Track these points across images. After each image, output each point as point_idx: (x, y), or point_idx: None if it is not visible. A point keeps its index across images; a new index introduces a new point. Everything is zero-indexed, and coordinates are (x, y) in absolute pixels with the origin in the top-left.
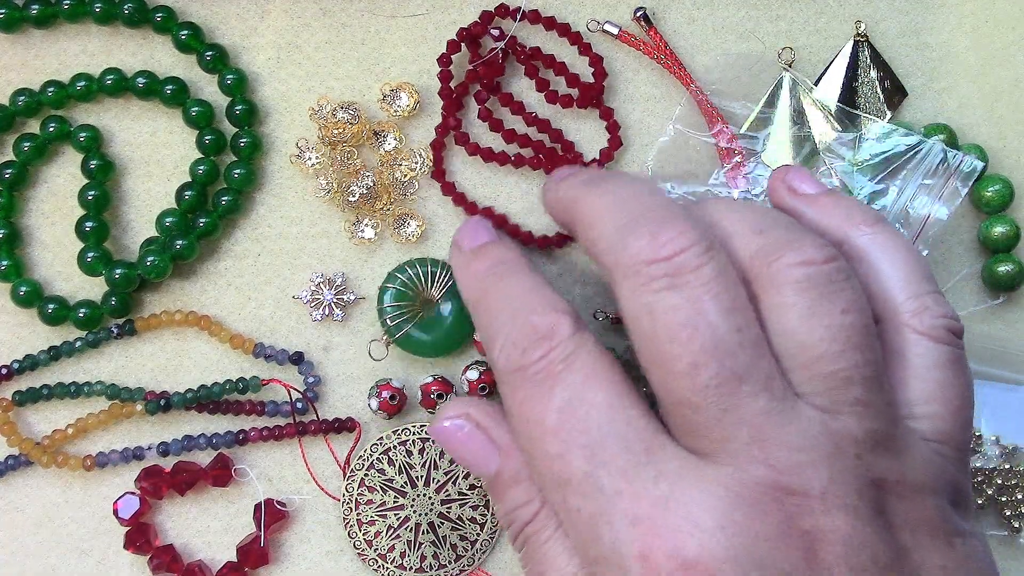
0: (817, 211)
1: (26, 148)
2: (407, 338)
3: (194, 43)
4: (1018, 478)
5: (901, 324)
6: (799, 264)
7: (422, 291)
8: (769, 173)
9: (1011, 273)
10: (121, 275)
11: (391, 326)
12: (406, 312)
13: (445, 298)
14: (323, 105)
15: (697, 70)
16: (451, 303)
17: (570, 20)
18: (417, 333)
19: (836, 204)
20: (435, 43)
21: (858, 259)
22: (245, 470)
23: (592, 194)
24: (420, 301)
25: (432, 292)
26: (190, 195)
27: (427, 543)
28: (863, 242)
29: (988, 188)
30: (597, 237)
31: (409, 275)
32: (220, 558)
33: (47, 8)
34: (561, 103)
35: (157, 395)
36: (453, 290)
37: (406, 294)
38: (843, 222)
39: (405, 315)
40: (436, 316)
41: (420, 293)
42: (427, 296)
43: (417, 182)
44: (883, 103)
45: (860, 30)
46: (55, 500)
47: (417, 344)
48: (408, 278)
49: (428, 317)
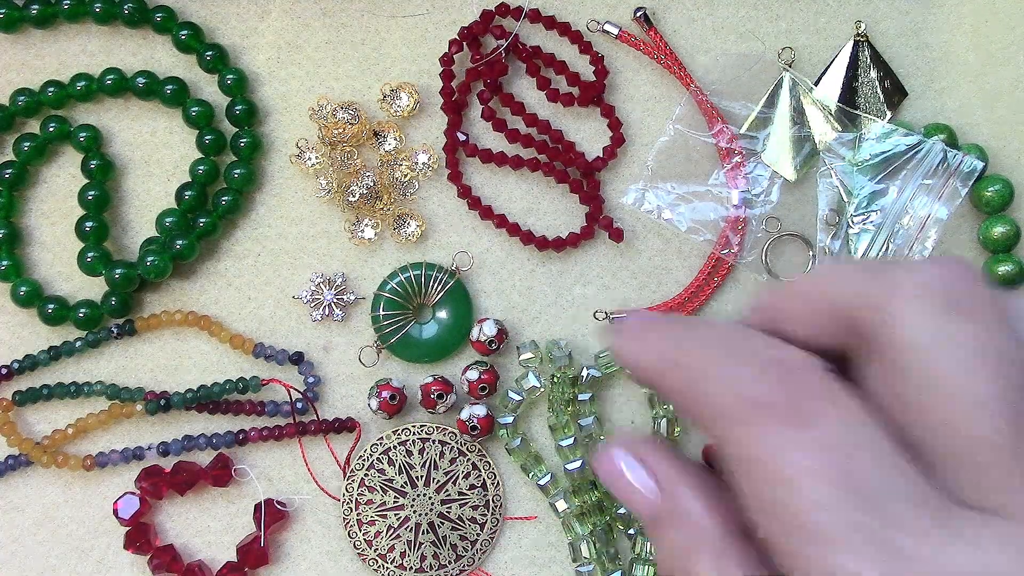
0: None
1: (26, 148)
2: (399, 345)
3: (194, 43)
4: None
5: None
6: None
7: (416, 297)
8: (769, 173)
9: (1011, 273)
10: (121, 275)
11: (383, 334)
12: (399, 319)
13: (439, 304)
14: (323, 105)
15: (697, 70)
16: (445, 309)
17: (570, 20)
18: (409, 340)
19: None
20: (435, 43)
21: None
22: (245, 470)
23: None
24: (414, 307)
25: (426, 298)
26: (190, 195)
27: (427, 543)
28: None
29: (988, 188)
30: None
31: (402, 281)
32: (220, 558)
33: (47, 8)
34: (562, 101)
35: (157, 395)
36: (447, 296)
37: (399, 302)
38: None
39: (398, 322)
40: (429, 322)
41: (414, 299)
42: (421, 302)
43: (417, 182)
44: (883, 103)
45: (860, 30)
46: (55, 500)
47: (409, 351)
48: (401, 284)
49: (421, 323)
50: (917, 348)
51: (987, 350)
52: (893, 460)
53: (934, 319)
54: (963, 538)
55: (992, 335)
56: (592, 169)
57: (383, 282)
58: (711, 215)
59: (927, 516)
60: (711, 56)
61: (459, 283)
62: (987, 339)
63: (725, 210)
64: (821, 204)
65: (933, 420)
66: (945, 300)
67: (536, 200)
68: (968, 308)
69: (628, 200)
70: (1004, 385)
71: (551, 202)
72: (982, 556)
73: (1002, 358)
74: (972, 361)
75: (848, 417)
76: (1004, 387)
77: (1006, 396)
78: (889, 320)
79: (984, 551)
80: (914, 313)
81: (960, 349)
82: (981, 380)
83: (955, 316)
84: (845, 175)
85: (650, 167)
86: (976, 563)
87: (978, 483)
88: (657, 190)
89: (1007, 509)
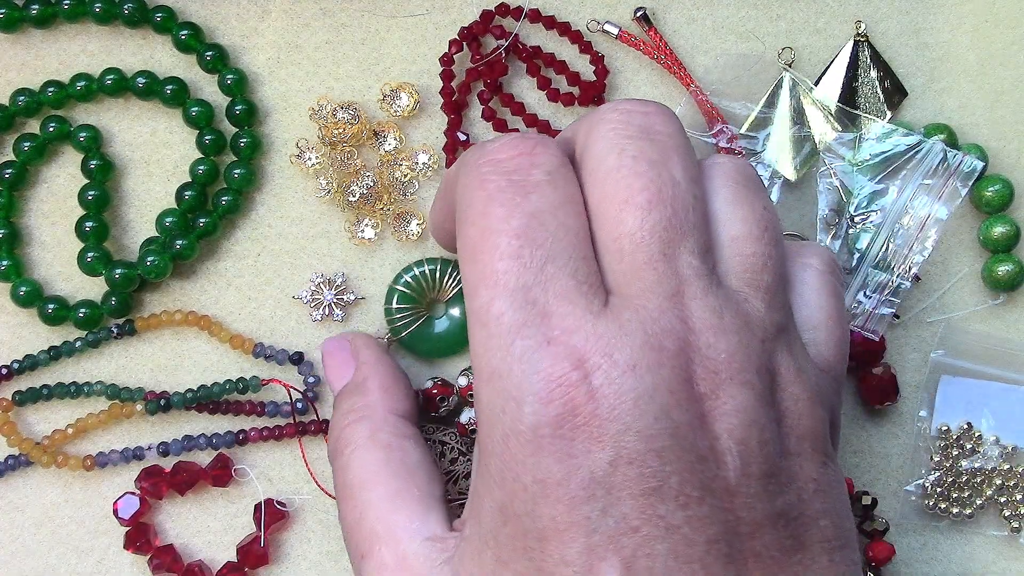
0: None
1: (26, 148)
2: (411, 339)
3: (194, 43)
4: (1018, 478)
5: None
6: (728, 161)
7: (430, 292)
8: (769, 173)
9: (1011, 273)
10: (121, 275)
11: (395, 327)
12: (412, 313)
13: (452, 300)
14: (323, 105)
15: (697, 70)
16: (459, 306)
17: (570, 20)
18: (421, 334)
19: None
20: (435, 43)
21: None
22: (245, 470)
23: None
24: (427, 302)
25: (440, 293)
26: (190, 195)
27: None
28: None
29: (988, 188)
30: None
31: (416, 276)
32: (220, 558)
33: (47, 8)
34: (563, 101)
35: (157, 395)
36: (461, 292)
37: (412, 296)
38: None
39: (411, 316)
40: (442, 318)
41: (428, 294)
42: (434, 297)
43: (417, 182)
44: (883, 103)
45: (860, 30)
46: (55, 500)
47: (420, 345)
48: (415, 278)
49: (434, 318)
50: (597, 156)
51: (651, 166)
52: (578, 240)
53: (617, 137)
54: (592, 308)
55: (662, 158)
56: None
57: (397, 275)
58: None
59: (572, 284)
60: (711, 56)
61: None
62: (655, 158)
63: None
64: (821, 204)
65: (601, 215)
66: (627, 123)
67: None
68: (651, 134)
69: None
70: (654, 193)
71: None
72: (599, 321)
73: (660, 175)
74: (634, 170)
75: (563, 197)
76: (653, 195)
77: (652, 201)
78: (587, 138)
79: (601, 318)
80: (603, 131)
81: (629, 160)
82: (637, 185)
83: (635, 138)
84: (845, 175)
85: None
86: (592, 324)
87: (622, 272)
88: None
89: (638, 300)
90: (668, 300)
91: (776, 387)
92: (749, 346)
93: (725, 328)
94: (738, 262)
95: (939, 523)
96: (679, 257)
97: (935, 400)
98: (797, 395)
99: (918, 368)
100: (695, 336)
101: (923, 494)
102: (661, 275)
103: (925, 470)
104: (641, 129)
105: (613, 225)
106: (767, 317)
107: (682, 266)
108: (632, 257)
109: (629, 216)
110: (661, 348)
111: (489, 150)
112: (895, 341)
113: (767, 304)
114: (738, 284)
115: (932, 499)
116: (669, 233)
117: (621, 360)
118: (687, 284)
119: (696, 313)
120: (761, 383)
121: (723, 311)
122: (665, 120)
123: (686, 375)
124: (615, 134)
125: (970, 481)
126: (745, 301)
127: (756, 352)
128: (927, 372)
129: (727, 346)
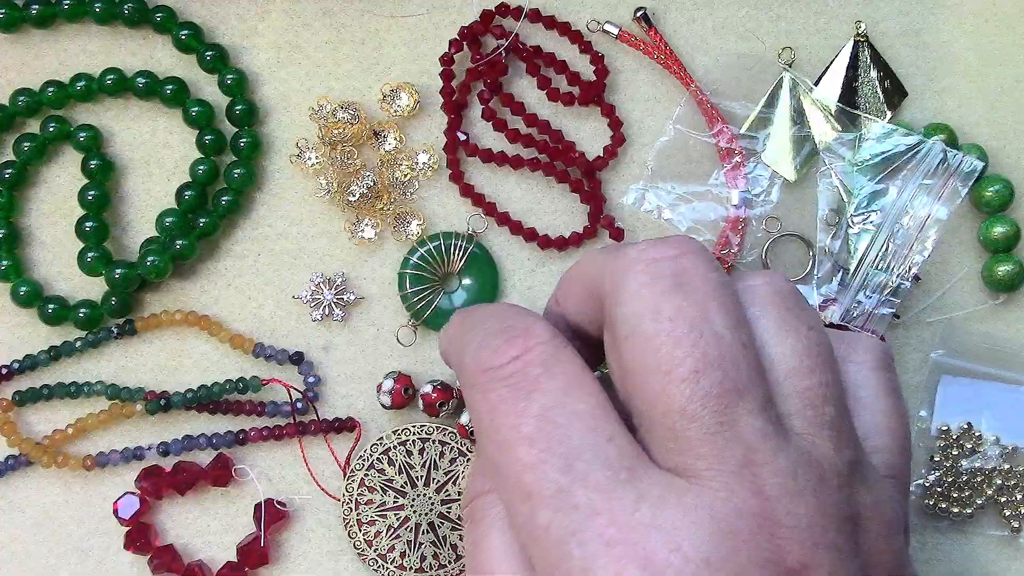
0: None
1: (26, 148)
2: (433, 317)
3: (194, 43)
4: (1018, 478)
5: (838, 357)
6: (763, 283)
7: (439, 268)
8: (769, 173)
9: (1011, 273)
10: (121, 275)
11: (415, 310)
12: (427, 292)
13: (464, 271)
14: (323, 105)
15: (697, 70)
16: (470, 274)
17: (570, 20)
18: (441, 310)
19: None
20: (435, 43)
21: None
22: (245, 470)
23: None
24: (440, 278)
25: (450, 266)
26: (190, 195)
27: (427, 543)
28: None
29: (988, 188)
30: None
31: (423, 255)
32: (220, 558)
33: (47, 8)
34: (563, 101)
35: (157, 395)
36: (470, 261)
37: (424, 276)
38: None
39: (427, 296)
40: (457, 290)
41: (439, 270)
42: (447, 270)
43: (417, 182)
44: (883, 103)
45: (860, 30)
46: (55, 500)
47: (443, 321)
48: (422, 258)
49: (450, 292)
50: (629, 320)
51: (692, 327)
52: (595, 423)
53: (650, 295)
54: (645, 495)
55: (702, 312)
56: (593, 168)
57: (404, 259)
58: (711, 215)
59: (609, 473)
60: (711, 56)
61: (479, 246)
62: (694, 315)
63: (725, 210)
64: (821, 204)
65: (643, 389)
66: (658, 276)
67: (536, 200)
68: (685, 286)
69: (628, 200)
70: (699, 359)
71: (551, 202)
72: (658, 515)
73: (703, 334)
74: (674, 336)
75: (564, 384)
76: (699, 361)
77: (698, 370)
78: (614, 294)
79: (660, 506)
80: (634, 288)
81: (667, 324)
82: (680, 354)
83: (669, 293)
84: (845, 175)
85: (650, 167)
86: (650, 515)
87: (680, 449)
88: (657, 190)
89: (703, 479)
90: (735, 475)
91: (859, 531)
92: (828, 501)
93: (802, 490)
94: (797, 399)
95: (939, 523)
96: (739, 422)
97: (935, 400)
98: (878, 532)
99: (918, 368)
100: (771, 505)
101: (923, 494)
102: (722, 448)
103: (925, 470)
104: (673, 279)
105: (659, 400)
106: (838, 459)
107: (744, 431)
108: (686, 434)
109: (675, 390)
110: (735, 532)
111: (483, 358)
112: (895, 341)
113: (835, 443)
114: (802, 425)
115: (932, 499)
116: (723, 399)
117: (693, 553)
118: (754, 451)
119: (769, 480)
120: (846, 541)
121: (796, 470)
122: (695, 259)
123: (770, 554)
124: (648, 291)
125: (970, 481)
126: (813, 446)
127: (835, 505)
128: (927, 372)
129: (807, 509)
